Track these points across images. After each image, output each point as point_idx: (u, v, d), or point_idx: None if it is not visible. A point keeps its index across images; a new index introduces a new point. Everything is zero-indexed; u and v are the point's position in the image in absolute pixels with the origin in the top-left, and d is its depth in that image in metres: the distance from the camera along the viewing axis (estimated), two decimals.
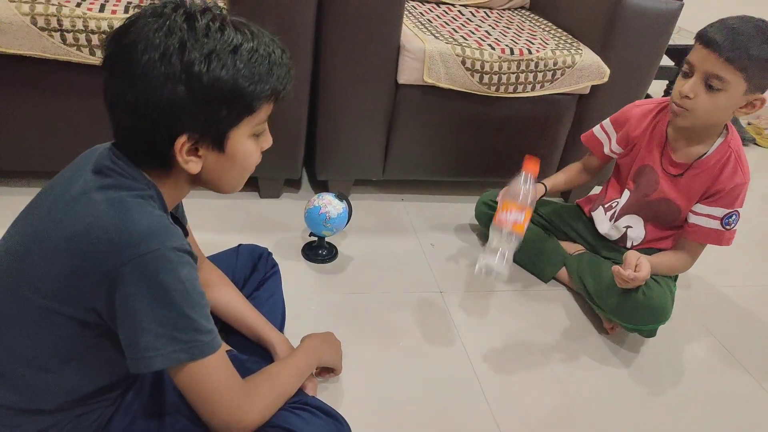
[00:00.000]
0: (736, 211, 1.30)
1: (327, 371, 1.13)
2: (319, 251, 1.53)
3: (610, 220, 1.49)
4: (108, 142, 0.77)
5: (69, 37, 1.33)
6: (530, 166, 1.33)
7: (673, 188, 1.36)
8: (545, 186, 1.56)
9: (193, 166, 0.72)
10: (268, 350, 1.05)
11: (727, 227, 1.31)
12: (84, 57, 1.36)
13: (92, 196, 0.69)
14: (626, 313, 1.33)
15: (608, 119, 1.49)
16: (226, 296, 1.06)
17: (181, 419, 0.85)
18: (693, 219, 1.35)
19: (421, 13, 1.87)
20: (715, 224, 1.32)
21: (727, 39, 1.12)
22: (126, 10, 1.38)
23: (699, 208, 1.33)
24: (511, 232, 1.27)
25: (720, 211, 1.31)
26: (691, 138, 1.31)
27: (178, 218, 0.87)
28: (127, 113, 0.69)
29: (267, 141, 0.80)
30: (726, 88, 1.15)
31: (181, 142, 0.69)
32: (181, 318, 0.69)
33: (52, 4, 1.32)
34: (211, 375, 0.74)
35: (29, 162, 1.51)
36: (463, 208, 1.80)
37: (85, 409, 0.79)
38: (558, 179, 1.60)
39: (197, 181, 0.77)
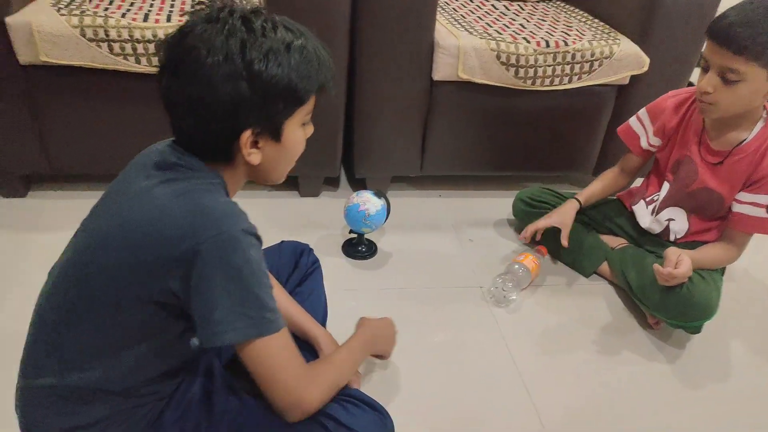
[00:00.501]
0: None
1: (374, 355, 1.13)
2: (358, 248, 1.55)
3: (652, 214, 1.46)
4: (162, 140, 0.81)
5: (116, 46, 1.39)
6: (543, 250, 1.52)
7: (713, 177, 1.33)
8: (579, 201, 1.52)
9: (255, 157, 0.77)
10: (312, 346, 1.08)
11: None
12: (130, 65, 1.41)
13: (159, 190, 0.74)
14: (669, 309, 1.30)
15: (644, 109, 1.46)
16: (281, 299, 1.09)
17: (229, 413, 0.88)
18: (737, 208, 1.31)
19: (454, 8, 1.87)
20: (761, 212, 1.28)
21: (735, 30, 1.10)
22: (168, 19, 1.43)
23: (743, 196, 1.30)
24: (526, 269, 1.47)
25: (765, 199, 1.27)
26: (728, 125, 1.28)
27: None
28: (190, 113, 0.73)
29: (310, 129, 0.85)
30: (743, 78, 1.13)
31: (246, 136, 0.74)
32: (250, 296, 0.73)
33: (99, 16, 1.38)
34: (276, 353, 0.77)
35: (85, 166, 1.59)
36: (501, 203, 1.80)
37: (140, 401, 0.82)
38: (593, 189, 1.55)
39: (253, 173, 0.82)
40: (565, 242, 1.47)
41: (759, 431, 1.19)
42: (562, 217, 1.50)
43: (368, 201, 1.45)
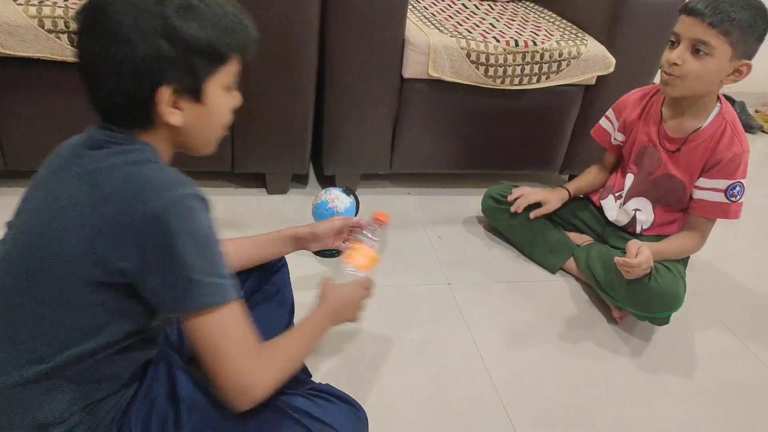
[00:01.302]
0: (739, 181, 1.31)
1: None
2: None
3: (619, 206, 1.50)
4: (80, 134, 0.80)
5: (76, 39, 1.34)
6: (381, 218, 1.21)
7: (673, 164, 1.38)
8: (568, 191, 1.59)
9: (175, 118, 0.75)
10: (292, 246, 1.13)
11: (732, 199, 1.32)
12: None
13: (99, 166, 0.73)
14: (639, 301, 1.33)
15: (610, 108, 1.53)
16: (231, 244, 1.08)
17: (196, 408, 0.86)
18: (698, 194, 1.36)
19: (424, 6, 1.87)
20: (720, 197, 1.33)
21: (710, 6, 1.18)
22: None
23: (702, 182, 1.35)
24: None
25: (723, 183, 1.32)
26: (684, 112, 1.34)
27: None
28: (108, 72, 0.72)
29: (237, 98, 0.84)
30: (712, 53, 1.20)
31: (163, 94, 0.72)
32: (204, 262, 0.72)
33: (59, 7, 1.33)
34: (227, 326, 0.75)
35: (38, 162, 1.53)
36: (470, 201, 1.81)
37: (101, 390, 0.80)
38: (580, 183, 1.62)
39: (178, 139, 0.79)
40: (520, 209, 1.55)
41: (724, 422, 1.22)
42: (549, 196, 1.57)
43: (337, 198, 1.44)
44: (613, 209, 1.52)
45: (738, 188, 1.31)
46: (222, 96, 0.79)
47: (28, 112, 1.45)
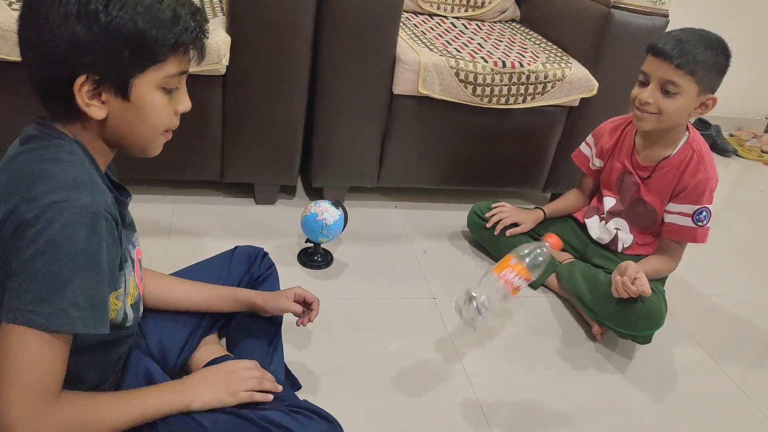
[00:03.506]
0: (706, 207, 1.38)
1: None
2: (314, 257, 1.55)
3: (602, 225, 1.56)
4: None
5: None
6: (553, 241, 1.19)
7: (646, 190, 1.45)
8: (544, 212, 1.66)
9: (96, 111, 0.72)
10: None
11: (699, 224, 1.39)
12: None
13: (17, 159, 0.73)
14: (625, 320, 1.37)
15: (590, 134, 1.60)
16: (181, 288, 1.06)
17: (174, 418, 0.84)
18: (668, 218, 1.43)
19: (415, 24, 1.91)
20: (687, 221, 1.40)
21: (676, 48, 1.25)
22: None
23: (671, 207, 1.42)
24: (506, 292, 1.12)
25: (689, 208, 1.39)
26: (655, 142, 1.41)
27: (116, 182, 0.85)
28: (31, 53, 0.71)
29: (183, 103, 0.79)
30: (680, 91, 1.28)
31: (80, 82, 0.70)
32: (46, 280, 0.66)
33: None
34: (28, 353, 0.66)
35: None
36: (456, 216, 1.84)
37: None
38: (556, 205, 1.68)
39: (109, 136, 0.77)
40: (496, 232, 1.62)
41: None
42: (524, 216, 1.64)
43: (326, 211, 1.46)
44: (596, 228, 1.57)
45: (704, 213, 1.38)
46: (156, 96, 0.75)
47: (20, 117, 1.44)
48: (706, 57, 1.25)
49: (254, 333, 1.13)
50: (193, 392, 0.86)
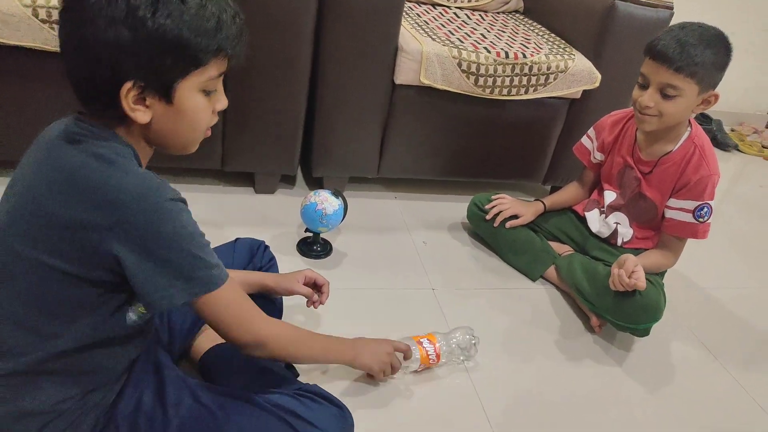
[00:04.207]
0: (707, 203, 1.37)
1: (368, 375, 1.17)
2: (314, 247, 1.55)
3: (602, 218, 1.55)
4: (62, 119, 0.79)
5: None
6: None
7: (647, 185, 1.45)
8: (544, 204, 1.65)
9: (141, 115, 0.74)
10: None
11: (700, 219, 1.38)
12: None
13: (73, 163, 0.72)
14: (624, 313, 1.37)
15: (591, 127, 1.59)
16: None
17: (182, 407, 0.87)
18: (668, 214, 1.43)
19: (417, 14, 1.90)
20: (688, 217, 1.39)
21: (674, 51, 1.23)
22: None
23: (672, 202, 1.42)
24: (420, 364, 1.22)
25: (691, 204, 1.38)
26: (657, 138, 1.40)
27: None
28: (75, 55, 0.71)
29: (221, 102, 0.82)
30: (681, 93, 1.26)
31: (127, 88, 0.71)
32: (190, 259, 0.75)
33: None
34: (228, 302, 0.81)
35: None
36: (456, 207, 1.83)
37: (87, 384, 0.80)
38: (556, 198, 1.68)
39: (151, 137, 0.78)
40: (496, 224, 1.62)
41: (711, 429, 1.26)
42: (524, 209, 1.63)
43: (326, 200, 1.46)
44: (596, 221, 1.56)
45: (705, 209, 1.37)
46: (198, 99, 0.77)
47: (20, 101, 1.44)
48: (705, 57, 1.23)
49: None
50: (360, 353, 1.08)
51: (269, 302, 1.16)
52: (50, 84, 1.42)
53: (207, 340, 1.08)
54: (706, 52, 1.23)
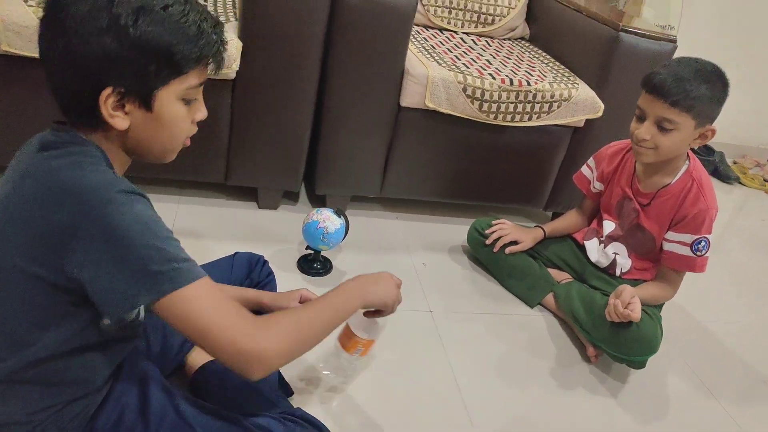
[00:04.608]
0: (705, 237, 1.38)
1: (374, 312, 1.05)
2: (314, 264, 1.56)
3: (601, 248, 1.56)
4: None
5: None
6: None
7: (645, 217, 1.46)
8: (544, 231, 1.65)
9: (120, 121, 0.73)
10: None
11: (698, 253, 1.38)
12: None
13: (42, 168, 0.72)
14: (619, 344, 1.37)
15: (591, 157, 1.61)
16: None
17: (165, 421, 0.86)
18: (666, 246, 1.43)
19: (425, 38, 1.93)
20: (686, 250, 1.39)
21: (670, 85, 1.24)
22: None
23: (670, 235, 1.42)
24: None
25: (688, 237, 1.39)
26: (656, 171, 1.42)
27: None
28: (58, 65, 0.71)
29: (201, 112, 0.82)
30: (677, 127, 1.28)
31: (106, 95, 0.71)
32: (150, 251, 0.70)
33: None
34: (201, 304, 0.72)
35: None
36: (456, 230, 1.84)
37: (65, 395, 0.79)
38: (556, 225, 1.69)
39: (129, 145, 0.78)
40: (496, 249, 1.62)
41: None
42: (524, 235, 1.64)
43: (327, 219, 1.47)
44: (595, 251, 1.57)
45: (703, 243, 1.38)
46: (177, 107, 0.77)
47: (28, 109, 1.46)
48: (701, 92, 1.24)
49: None
50: (368, 290, 0.95)
51: None
52: None
53: (200, 355, 1.08)
54: (701, 87, 1.24)
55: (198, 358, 1.08)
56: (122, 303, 0.70)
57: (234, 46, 1.42)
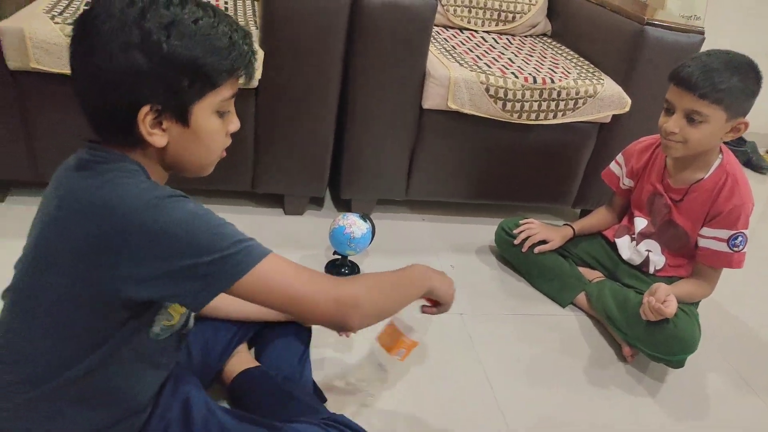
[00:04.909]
0: (741, 232, 1.34)
1: (434, 305, 1.02)
2: (341, 269, 1.56)
3: (633, 246, 1.53)
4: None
5: None
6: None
7: (677, 212, 1.42)
8: (573, 229, 1.63)
9: (158, 139, 0.73)
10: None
11: (735, 249, 1.35)
12: None
13: (84, 184, 0.72)
14: (656, 343, 1.34)
15: (620, 153, 1.58)
16: (232, 302, 1.05)
17: (211, 428, 0.88)
18: (702, 243, 1.40)
19: (445, 39, 1.92)
20: (723, 246, 1.36)
21: (699, 77, 1.21)
22: None
23: (705, 231, 1.39)
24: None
25: (724, 233, 1.35)
26: (687, 165, 1.39)
27: None
28: (90, 83, 0.71)
29: (234, 123, 0.81)
30: (707, 120, 1.25)
31: (144, 113, 0.71)
32: (215, 237, 0.70)
33: None
34: (284, 272, 0.74)
35: None
36: (483, 231, 1.83)
37: (113, 413, 0.80)
38: (585, 223, 1.66)
39: (167, 160, 0.78)
40: (525, 249, 1.60)
41: None
42: (553, 234, 1.62)
43: (354, 224, 1.47)
44: (626, 249, 1.54)
45: (740, 239, 1.34)
46: (212, 120, 0.77)
47: (59, 125, 1.49)
48: (731, 84, 1.21)
49: (284, 346, 1.14)
50: (433, 277, 0.94)
51: (298, 331, 1.16)
52: None
53: (238, 363, 1.09)
54: (732, 79, 1.21)
55: (236, 365, 1.09)
56: (200, 293, 0.70)
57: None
